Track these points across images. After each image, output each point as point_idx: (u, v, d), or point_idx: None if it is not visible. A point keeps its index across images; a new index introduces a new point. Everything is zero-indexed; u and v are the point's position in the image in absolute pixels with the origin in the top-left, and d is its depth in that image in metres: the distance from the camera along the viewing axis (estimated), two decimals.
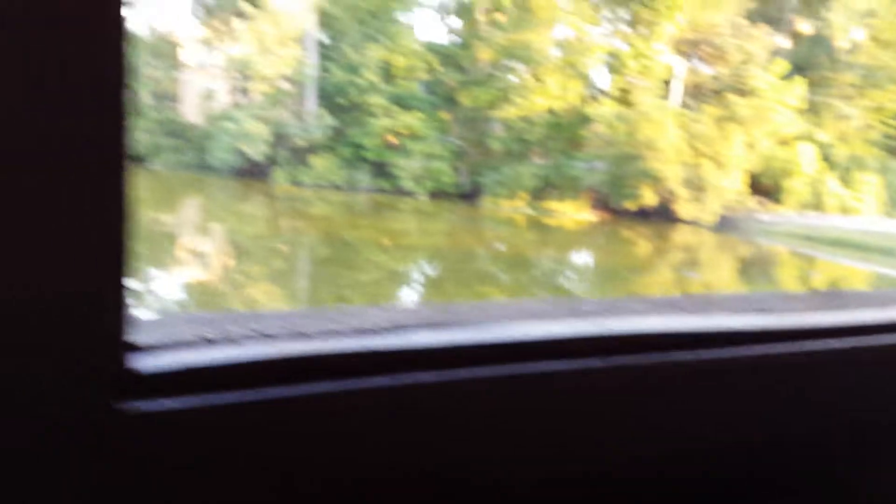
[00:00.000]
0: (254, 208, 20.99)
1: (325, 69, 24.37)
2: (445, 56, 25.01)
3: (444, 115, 24.39)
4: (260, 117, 23.46)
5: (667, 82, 23.34)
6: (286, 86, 24.31)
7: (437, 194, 23.00)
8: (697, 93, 23.05)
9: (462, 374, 0.77)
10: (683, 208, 21.00)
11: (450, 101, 24.49)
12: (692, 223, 20.93)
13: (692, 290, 14.07)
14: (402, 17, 25.77)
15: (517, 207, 21.91)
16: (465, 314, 0.86)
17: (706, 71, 23.52)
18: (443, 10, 26.22)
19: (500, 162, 23.05)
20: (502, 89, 23.58)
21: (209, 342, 0.72)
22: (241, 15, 24.36)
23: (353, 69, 24.17)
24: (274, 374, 0.70)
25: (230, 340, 0.72)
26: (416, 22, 26.44)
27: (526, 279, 14.50)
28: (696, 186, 20.89)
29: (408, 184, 23.21)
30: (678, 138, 21.06)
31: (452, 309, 0.88)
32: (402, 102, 24.12)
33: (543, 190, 22.09)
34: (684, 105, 22.86)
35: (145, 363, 0.66)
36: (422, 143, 23.54)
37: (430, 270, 15.40)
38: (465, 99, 24.08)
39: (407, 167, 23.32)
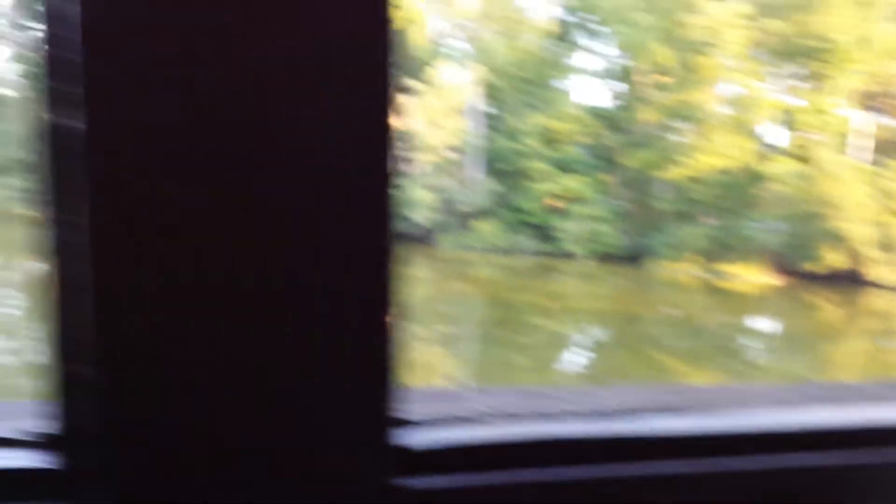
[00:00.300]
0: (421, 272, 21.63)
1: (488, 137, 25.10)
2: (607, 119, 25.01)
3: (607, 178, 24.22)
4: (427, 185, 24.41)
5: (846, 137, 21.96)
6: (452, 154, 25.22)
7: (602, 257, 22.68)
8: (885, 147, 21.48)
9: (706, 466, 0.72)
10: (874, 271, 19.38)
11: (612, 163, 24.34)
12: (886, 287, 19.24)
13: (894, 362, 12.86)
14: (559, 83, 26.16)
15: (687, 270, 21.14)
16: (704, 398, 0.82)
17: (893, 124, 21.93)
18: (603, 75, 26.36)
19: (666, 223, 22.47)
20: (667, 150, 23.14)
21: (461, 420, 0.72)
22: (410, 91, 25.73)
23: (514, 136, 24.72)
24: (522, 456, 0.70)
25: (478, 419, 0.73)
26: (575, 87, 26.68)
27: (701, 346, 13.85)
28: (889, 247, 19.27)
29: (571, 246, 23.08)
30: (865, 196, 19.63)
31: (688, 392, 0.84)
32: (564, 166, 24.26)
33: (715, 252, 21.20)
34: (869, 160, 21.35)
35: (414, 439, 0.67)
36: (584, 205, 23.45)
37: (597, 334, 15.09)
38: (628, 160, 23.84)
39: (570, 230, 23.24)
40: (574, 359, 13.23)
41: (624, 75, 25.11)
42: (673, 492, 0.72)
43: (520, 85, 25.33)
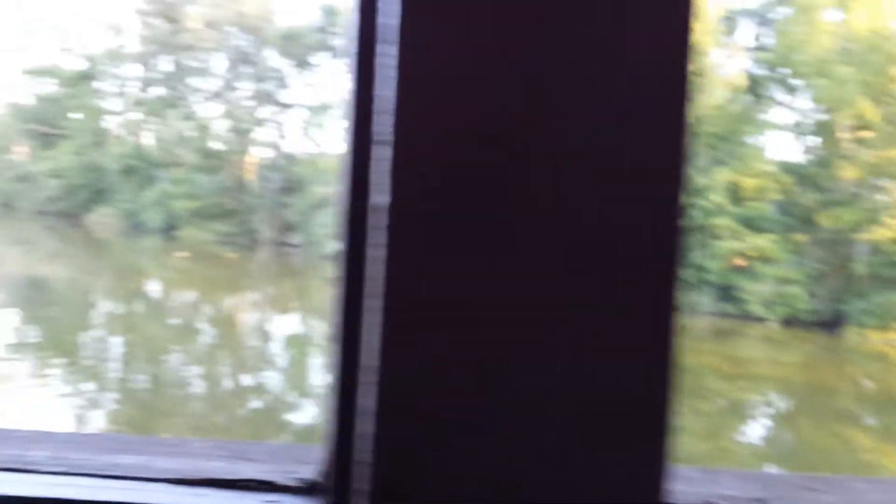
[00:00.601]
0: None
1: None
2: (802, 176, 23.61)
3: (800, 237, 22.73)
4: None
5: None
6: None
7: (790, 321, 21.15)
8: None
9: None
10: None
11: (807, 222, 22.84)
12: None
13: None
14: (749, 139, 25.11)
15: (890, 340, 19.16)
16: None
17: None
18: (797, 130, 25.02)
19: (867, 288, 20.60)
20: (869, 209, 21.37)
21: None
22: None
23: (698, 192, 23.94)
24: None
25: None
26: (766, 143, 25.55)
27: None
28: None
29: (756, 309, 21.75)
30: None
31: None
32: (752, 224, 23.09)
33: None
34: None
35: None
36: (774, 266, 22.10)
37: (782, 404, 14.09)
38: (824, 220, 22.27)
39: (756, 291, 21.94)
40: (755, 430, 12.46)
41: (821, 130, 23.69)
42: None
43: (705, 139, 24.62)
